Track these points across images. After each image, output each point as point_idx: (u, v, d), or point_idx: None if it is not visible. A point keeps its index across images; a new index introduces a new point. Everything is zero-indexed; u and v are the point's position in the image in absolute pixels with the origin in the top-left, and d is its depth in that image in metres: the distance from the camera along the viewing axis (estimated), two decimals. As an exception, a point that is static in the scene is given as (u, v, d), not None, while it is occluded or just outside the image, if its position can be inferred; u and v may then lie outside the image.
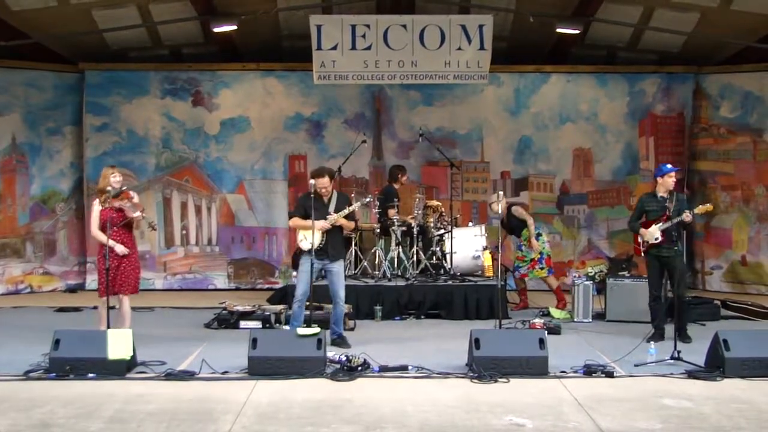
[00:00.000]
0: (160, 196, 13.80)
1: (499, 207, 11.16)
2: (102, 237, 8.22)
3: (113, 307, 8.29)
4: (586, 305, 10.63)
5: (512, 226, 11.41)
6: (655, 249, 8.99)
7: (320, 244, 8.50)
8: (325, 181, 8.59)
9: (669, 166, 9.16)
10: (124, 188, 8.46)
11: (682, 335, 8.59)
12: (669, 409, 6.17)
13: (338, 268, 8.74)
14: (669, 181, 9.02)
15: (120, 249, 8.19)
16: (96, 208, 8.33)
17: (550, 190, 14.08)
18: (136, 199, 8.58)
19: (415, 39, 12.06)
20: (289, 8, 12.29)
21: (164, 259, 13.84)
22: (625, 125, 14.02)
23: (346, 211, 8.68)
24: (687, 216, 8.68)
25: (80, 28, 12.58)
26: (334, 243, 8.70)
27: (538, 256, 11.10)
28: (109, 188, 8.30)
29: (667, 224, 8.82)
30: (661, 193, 9.02)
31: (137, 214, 8.39)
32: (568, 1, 12.28)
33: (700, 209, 9.05)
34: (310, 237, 8.43)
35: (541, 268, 11.17)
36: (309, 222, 8.40)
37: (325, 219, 8.53)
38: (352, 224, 8.99)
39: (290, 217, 8.89)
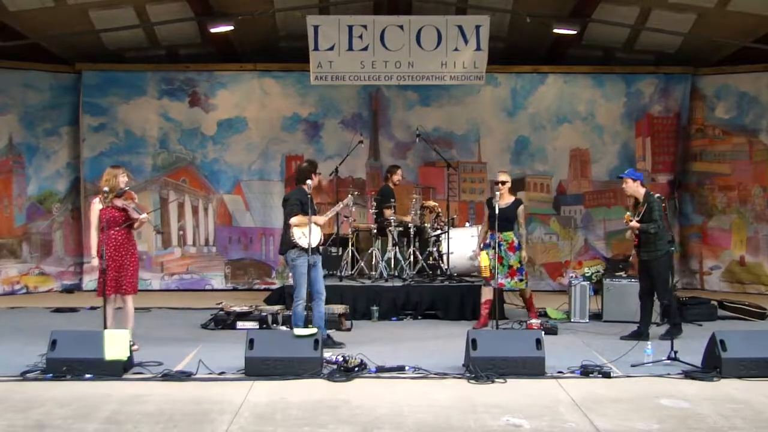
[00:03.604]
0: (157, 196, 13.81)
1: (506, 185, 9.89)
2: (93, 242, 8.22)
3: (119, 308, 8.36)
4: (583, 306, 10.64)
5: (502, 218, 9.46)
6: (638, 249, 9.32)
7: (320, 241, 8.53)
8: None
9: (625, 173, 9.52)
10: (127, 189, 8.46)
11: (668, 332, 8.75)
12: (666, 409, 6.17)
13: (320, 262, 8.83)
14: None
15: (95, 263, 8.20)
16: (96, 206, 8.30)
17: (547, 190, 14.09)
18: (137, 200, 8.60)
19: (411, 39, 12.07)
20: (286, 9, 12.29)
21: (161, 260, 13.84)
22: (621, 126, 14.04)
23: (341, 205, 9.10)
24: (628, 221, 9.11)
25: (77, 28, 12.57)
26: (319, 239, 8.78)
27: (518, 265, 9.86)
28: (105, 188, 8.28)
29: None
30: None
31: (144, 215, 8.40)
32: (565, 2, 12.30)
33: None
34: (308, 235, 8.39)
35: (521, 280, 9.94)
36: (306, 218, 8.38)
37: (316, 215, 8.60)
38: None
39: (291, 215, 8.48)
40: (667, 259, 9.10)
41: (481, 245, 10.00)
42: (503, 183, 9.82)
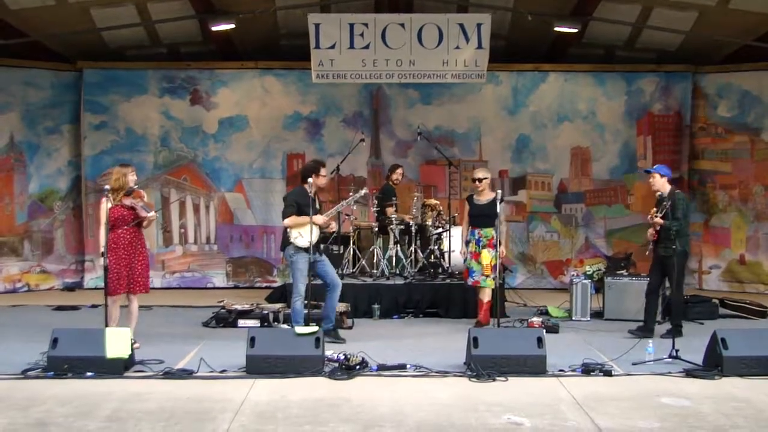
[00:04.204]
0: (159, 194, 13.81)
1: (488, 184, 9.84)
2: (103, 241, 8.23)
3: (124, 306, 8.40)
4: (585, 304, 10.64)
5: (483, 215, 9.58)
6: (656, 245, 9.26)
7: (318, 238, 8.63)
8: (326, 171, 8.89)
9: (654, 168, 9.57)
10: (135, 187, 8.47)
11: (669, 332, 8.74)
12: (667, 407, 6.17)
13: (325, 257, 9.03)
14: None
15: (102, 262, 8.20)
16: (104, 205, 8.30)
17: (548, 188, 14.10)
18: (146, 198, 8.61)
19: (413, 38, 12.05)
20: (287, 7, 12.29)
21: (163, 258, 13.84)
22: (622, 124, 14.04)
23: (343, 204, 9.11)
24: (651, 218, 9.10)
25: (78, 26, 12.56)
26: (323, 237, 9.01)
27: (495, 262, 9.38)
28: (107, 186, 8.29)
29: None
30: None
31: (151, 213, 8.41)
32: (566, 0, 12.29)
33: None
34: (306, 234, 8.49)
35: (493, 279, 9.46)
36: (306, 218, 8.44)
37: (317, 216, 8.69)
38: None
39: (285, 216, 8.69)
40: (684, 258, 9.17)
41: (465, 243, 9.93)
42: (481, 180, 9.76)
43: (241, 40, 13.51)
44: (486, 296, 9.65)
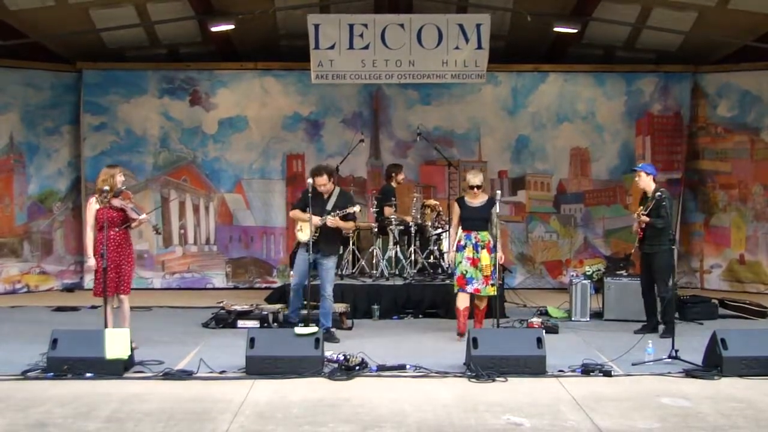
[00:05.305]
0: (158, 195, 13.80)
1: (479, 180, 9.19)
2: (89, 241, 8.22)
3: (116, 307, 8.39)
4: (584, 304, 10.64)
5: (478, 218, 9.10)
6: (641, 243, 9.43)
7: (314, 237, 8.71)
8: (323, 180, 8.90)
9: (639, 166, 9.79)
10: (124, 188, 8.45)
11: (666, 330, 8.78)
12: (667, 408, 6.17)
13: (329, 263, 9.07)
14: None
15: (91, 263, 8.25)
16: (92, 206, 8.29)
17: (547, 189, 14.09)
18: (134, 199, 8.60)
19: (412, 38, 12.06)
20: (286, 8, 12.29)
21: (162, 259, 13.83)
22: (622, 124, 14.03)
23: (339, 214, 8.93)
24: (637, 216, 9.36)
25: (78, 27, 12.56)
26: (327, 240, 9.01)
27: (492, 268, 8.98)
28: (106, 187, 8.26)
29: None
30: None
31: (143, 216, 8.40)
32: (565, 1, 12.29)
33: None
34: (306, 229, 8.77)
35: (492, 285, 9.00)
36: (306, 215, 8.69)
37: (321, 216, 8.81)
38: (349, 225, 9.25)
39: (292, 209, 9.31)
40: (669, 255, 9.16)
41: (456, 246, 9.23)
42: (480, 187, 9.09)
43: (241, 40, 13.51)
44: (483, 303, 9.23)
